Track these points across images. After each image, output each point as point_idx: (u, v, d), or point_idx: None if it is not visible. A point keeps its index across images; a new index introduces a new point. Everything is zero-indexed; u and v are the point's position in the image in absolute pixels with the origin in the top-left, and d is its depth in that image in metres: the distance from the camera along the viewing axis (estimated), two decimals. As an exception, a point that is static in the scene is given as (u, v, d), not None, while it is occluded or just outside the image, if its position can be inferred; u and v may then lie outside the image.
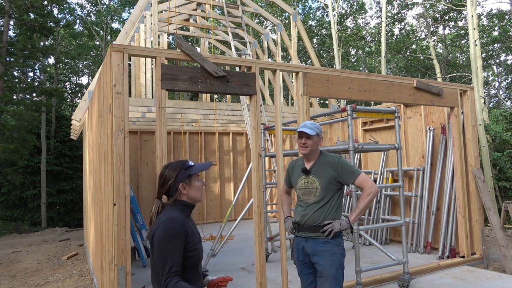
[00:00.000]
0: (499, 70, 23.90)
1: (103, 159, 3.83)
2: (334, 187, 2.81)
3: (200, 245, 1.84)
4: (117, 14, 21.54)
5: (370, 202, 2.75)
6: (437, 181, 6.14)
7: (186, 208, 1.88)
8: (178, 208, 1.84)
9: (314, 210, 2.80)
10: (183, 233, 1.73)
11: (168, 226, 1.72)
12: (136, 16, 7.48)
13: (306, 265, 2.86)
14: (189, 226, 1.80)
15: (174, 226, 1.72)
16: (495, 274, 4.90)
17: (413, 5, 20.77)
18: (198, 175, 1.90)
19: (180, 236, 1.71)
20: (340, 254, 2.75)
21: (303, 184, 2.89)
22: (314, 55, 9.44)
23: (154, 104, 6.37)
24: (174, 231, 1.71)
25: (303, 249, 2.85)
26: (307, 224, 2.82)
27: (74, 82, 24.64)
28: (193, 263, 1.79)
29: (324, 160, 2.87)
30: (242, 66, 4.01)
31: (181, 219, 1.78)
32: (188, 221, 1.83)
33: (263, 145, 5.82)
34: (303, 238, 2.86)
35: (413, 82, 4.98)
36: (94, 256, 5.29)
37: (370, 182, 2.75)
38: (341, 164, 2.80)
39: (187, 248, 1.73)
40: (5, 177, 15.16)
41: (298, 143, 2.91)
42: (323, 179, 2.80)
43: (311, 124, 2.88)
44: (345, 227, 2.73)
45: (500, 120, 12.19)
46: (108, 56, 3.48)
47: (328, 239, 2.74)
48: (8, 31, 12.91)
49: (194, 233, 1.82)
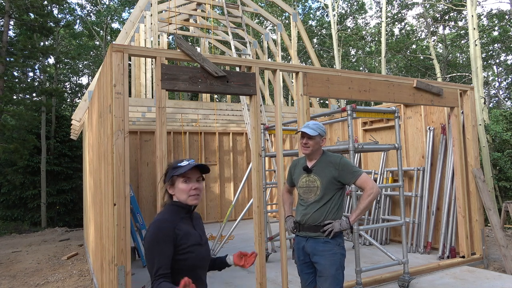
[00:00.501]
0: (499, 70, 23.90)
1: (103, 159, 3.83)
2: (334, 186, 2.81)
3: (196, 247, 1.76)
4: (117, 14, 21.55)
5: (371, 203, 2.75)
6: (437, 181, 6.14)
7: (181, 209, 1.81)
8: (171, 209, 1.81)
9: (315, 209, 2.80)
10: (171, 235, 1.69)
11: (155, 229, 1.70)
12: (136, 16, 7.48)
13: (306, 265, 2.87)
14: (181, 228, 1.74)
15: (161, 229, 1.69)
16: (495, 274, 4.90)
17: (413, 5, 20.78)
18: (186, 176, 1.78)
19: (166, 239, 1.67)
20: (340, 254, 2.75)
21: (304, 183, 2.90)
22: (314, 55, 9.44)
23: (154, 104, 6.37)
24: (161, 233, 1.68)
25: (303, 248, 2.85)
26: (307, 223, 2.82)
27: (74, 82, 24.66)
28: (187, 266, 1.72)
29: (326, 159, 2.88)
30: (242, 66, 4.01)
31: (170, 221, 1.73)
32: (181, 223, 1.76)
33: (263, 145, 5.82)
34: (304, 238, 2.86)
35: (413, 82, 4.98)
36: (94, 256, 5.29)
37: (371, 183, 2.74)
38: (343, 164, 2.80)
39: (177, 251, 1.70)
40: (5, 177, 15.17)
41: (299, 143, 2.91)
42: (324, 178, 2.80)
43: (313, 124, 2.88)
44: (345, 228, 2.73)
45: (500, 120, 12.19)
46: (108, 56, 3.48)
47: (328, 239, 2.74)
48: (8, 31, 12.91)
49: (188, 235, 1.75)
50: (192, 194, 1.79)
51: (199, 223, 1.94)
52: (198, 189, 1.81)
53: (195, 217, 1.93)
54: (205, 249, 1.83)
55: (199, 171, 1.83)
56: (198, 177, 1.82)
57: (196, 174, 1.81)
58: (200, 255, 1.78)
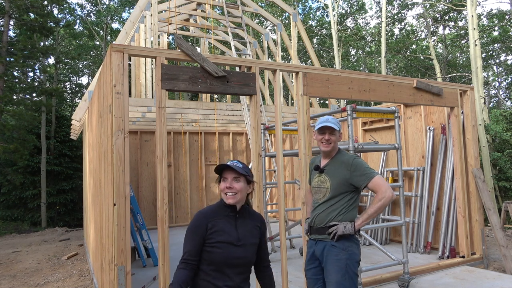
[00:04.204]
0: (499, 70, 23.89)
1: (103, 159, 3.83)
2: (345, 188, 2.63)
3: (226, 245, 1.84)
4: (117, 14, 21.56)
5: (382, 209, 2.52)
6: (437, 181, 6.14)
7: (225, 208, 1.92)
8: (217, 205, 1.95)
9: (322, 210, 2.68)
10: (203, 227, 1.85)
11: (193, 219, 1.91)
12: (136, 16, 7.48)
13: (311, 271, 2.71)
14: (217, 224, 1.86)
15: (195, 220, 1.88)
16: (495, 274, 4.90)
17: (413, 5, 20.78)
18: (223, 176, 1.90)
19: (197, 229, 1.86)
20: (345, 259, 2.54)
21: (316, 183, 2.78)
22: (314, 55, 9.44)
23: (154, 104, 6.37)
24: (194, 223, 1.88)
25: (313, 253, 2.72)
26: (315, 225, 2.70)
27: (74, 82, 24.67)
28: (213, 260, 1.83)
29: (340, 159, 2.71)
30: (242, 66, 4.01)
31: (206, 214, 1.89)
32: (221, 219, 1.88)
33: (263, 145, 5.82)
34: (313, 241, 2.73)
35: (413, 82, 4.98)
36: (94, 256, 5.29)
37: (385, 187, 2.52)
38: (355, 165, 2.61)
39: (206, 243, 1.84)
40: (5, 177, 15.18)
41: (319, 140, 2.71)
42: (335, 179, 2.65)
43: (333, 119, 2.71)
44: (349, 231, 2.56)
45: (500, 120, 12.19)
46: (108, 56, 3.48)
47: (334, 242, 2.58)
48: (8, 31, 12.91)
49: (221, 232, 1.85)
50: (226, 192, 1.89)
51: (249, 225, 1.96)
52: (232, 188, 1.88)
53: (245, 218, 1.97)
54: (241, 251, 1.87)
55: (235, 171, 1.89)
56: (234, 177, 1.89)
57: (233, 174, 1.89)
58: (229, 254, 1.84)
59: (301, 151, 4.14)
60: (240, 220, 1.94)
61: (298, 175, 5.88)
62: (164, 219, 3.37)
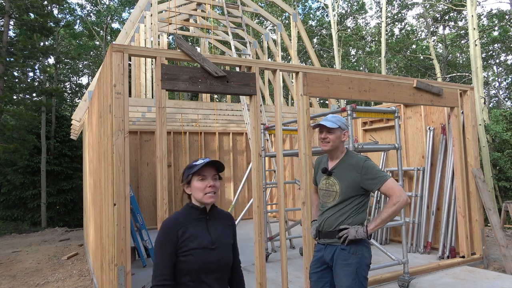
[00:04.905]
0: (499, 70, 23.90)
1: (103, 159, 3.83)
2: (355, 192, 2.55)
3: (200, 251, 1.71)
4: (117, 14, 21.56)
5: (396, 213, 2.44)
6: (437, 181, 6.14)
7: (194, 211, 1.80)
8: (183, 210, 1.81)
9: (330, 214, 2.60)
10: (173, 236, 1.70)
11: (160, 231, 1.73)
12: (136, 16, 7.48)
13: (317, 274, 2.64)
14: (187, 230, 1.72)
15: (162, 231, 1.73)
16: (495, 274, 4.90)
17: (413, 5, 20.79)
18: (202, 174, 1.77)
19: (167, 241, 1.70)
20: (356, 263, 2.47)
21: (324, 185, 2.68)
22: (314, 55, 9.44)
23: (154, 104, 6.37)
24: (162, 235, 1.72)
25: (321, 257, 2.63)
26: (324, 229, 2.62)
27: (74, 82, 24.68)
28: (189, 269, 1.69)
29: (348, 161, 2.62)
30: (242, 66, 4.01)
31: (175, 221, 1.74)
32: (191, 224, 1.75)
33: (263, 145, 5.82)
34: (323, 245, 2.65)
35: (413, 82, 4.98)
36: (94, 256, 5.29)
37: (399, 190, 2.43)
38: (366, 168, 2.52)
39: (179, 252, 1.69)
40: (5, 177, 15.18)
41: (318, 139, 2.67)
42: (344, 183, 2.56)
43: (332, 117, 2.64)
44: (361, 236, 2.47)
45: (500, 120, 12.19)
46: (108, 56, 3.48)
47: (344, 246, 2.51)
48: (8, 31, 12.90)
49: (193, 238, 1.72)
50: (207, 191, 1.77)
51: (220, 225, 1.86)
52: (214, 187, 1.78)
53: (215, 219, 1.86)
54: (216, 254, 1.75)
55: (215, 169, 1.81)
56: (214, 175, 1.80)
57: (212, 172, 1.79)
58: (204, 260, 1.71)
59: (301, 151, 4.14)
60: (212, 221, 1.83)
61: (298, 175, 5.88)
62: (164, 219, 3.37)
